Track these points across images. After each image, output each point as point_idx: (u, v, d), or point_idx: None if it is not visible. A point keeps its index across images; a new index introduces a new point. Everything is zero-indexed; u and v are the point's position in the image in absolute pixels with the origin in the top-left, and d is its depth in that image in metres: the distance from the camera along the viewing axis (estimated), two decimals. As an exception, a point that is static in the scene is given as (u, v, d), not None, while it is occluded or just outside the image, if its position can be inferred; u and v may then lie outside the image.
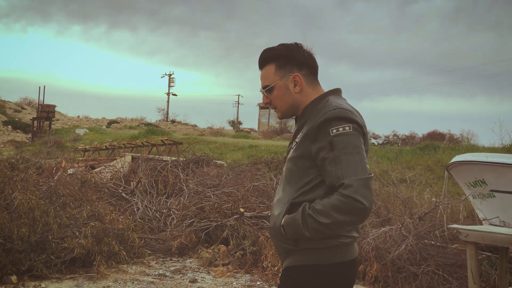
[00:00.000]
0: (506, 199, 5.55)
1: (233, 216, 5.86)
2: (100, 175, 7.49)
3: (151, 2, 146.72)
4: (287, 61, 1.79)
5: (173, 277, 4.86)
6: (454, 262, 4.89)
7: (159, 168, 8.42)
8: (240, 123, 56.94)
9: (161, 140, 15.80)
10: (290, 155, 1.75)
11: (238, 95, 59.15)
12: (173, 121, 48.53)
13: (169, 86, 57.73)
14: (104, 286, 4.46)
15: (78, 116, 44.88)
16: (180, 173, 8.13)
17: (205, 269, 5.16)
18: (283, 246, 1.73)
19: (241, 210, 5.79)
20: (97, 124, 40.28)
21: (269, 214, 4.23)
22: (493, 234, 3.54)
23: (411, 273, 4.82)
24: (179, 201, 6.80)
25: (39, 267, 4.61)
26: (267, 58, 1.83)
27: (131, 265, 5.14)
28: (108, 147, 16.31)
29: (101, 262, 4.76)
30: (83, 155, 16.18)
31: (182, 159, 9.47)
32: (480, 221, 5.64)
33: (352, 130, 1.61)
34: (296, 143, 1.73)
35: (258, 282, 4.78)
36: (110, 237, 5.02)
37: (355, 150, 1.58)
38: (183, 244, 5.72)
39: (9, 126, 35.65)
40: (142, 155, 10.58)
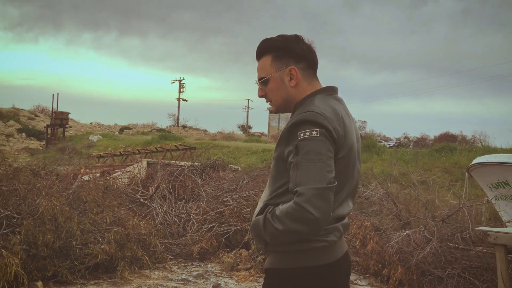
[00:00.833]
0: (531, 201, 5.47)
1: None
2: (118, 181, 7.53)
3: (160, 9, 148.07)
4: (284, 53, 1.72)
5: (196, 282, 4.86)
6: (480, 265, 4.83)
7: (176, 173, 8.46)
8: (250, 127, 57.03)
9: (175, 146, 15.88)
10: (274, 154, 1.71)
11: (248, 100, 59.19)
12: (184, 126, 48.74)
13: (180, 92, 58.08)
14: (129, 292, 4.48)
15: (91, 123, 45.31)
16: (198, 178, 8.15)
17: (227, 274, 5.15)
18: (259, 247, 1.71)
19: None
20: (110, 131, 40.61)
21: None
22: (524, 236, 3.49)
23: (436, 277, 4.77)
24: (198, 206, 6.82)
25: (64, 273, 4.64)
26: (264, 49, 1.76)
27: (153, 270, 5.15)
28: (122, 153, 16.42)
29: (125, 268, 4.78)
30: (98, 161, 16.30)
31: (198, 164, 9.50)
32: (504, 223, 5.56)
33: (319, 135, 1.52)
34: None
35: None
36: (133, 243, 5.04)
37: (317, 157, 1.50)
38: (204, 249, 5.73)
39: (23, 134, 36.07)
40: (159, 161, 10.63)
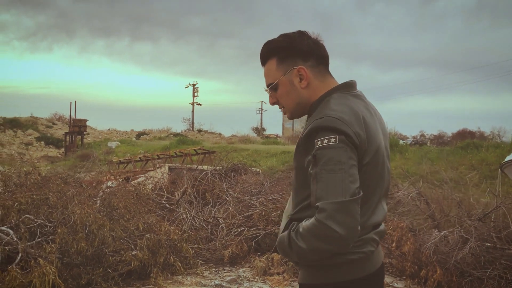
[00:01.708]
0: None
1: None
2: (145, 187, 7.53)
3: (172, 14, 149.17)
4: (289, 53, 1.58)
5: (230, 287, 4.81)
6: (521, 265, 4.68)
7: (199, 178, 8.44)
8: (264, 130, 57.01)
9: (194, 150, 15.90)
10: (293, 164, 1.59)
11: (262, 102, 59.17)
12: (200, 130, 48.93)
13: (193, 96, 58.32)
14: (164, 298, 4.44)
15: (109, 129, 45.78)
16: (223, 182, 8.12)
17: (260, 279, 5.09)
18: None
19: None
20: (127, 137, 40.96)
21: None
22: None
23: (476, 278, 4.64)
24: (225, 210, 6.77)
25: (98, 281, 4.64)
26: (267, 53, 1.62)
27: (186, 276, 5.12)
28: (142, 159, 16.50)
29: (158, 274, 4.75)
30: (118, 167, 16.41)
31: (220, 168, 9.46)
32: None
33: (338, 143, 1.39)
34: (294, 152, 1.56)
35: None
36: (164, 248, 5.01)
37: (337, 167, 1.37)
38: (234, 253, 5.68)
39: (42, 142, 36.63)
40: (181, 165, 10.64)
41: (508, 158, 6.04)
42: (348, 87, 1.60)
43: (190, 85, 59.22)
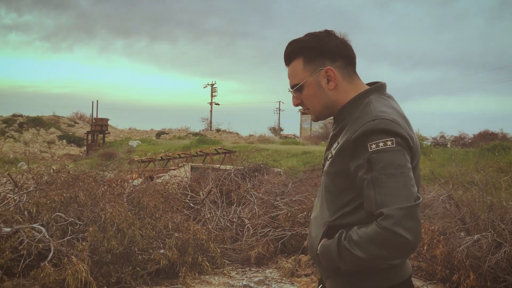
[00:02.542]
0: None
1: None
2: (170, 186, 7.57)
3: (190, 14, 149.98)
4: (317, 53, 1.52)
5: (258, 288, 4.80)
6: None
7: (222, 178, 8.45)
8: (281, 130, 56.88)
9: (215, 149, 15.94)
10: (326, 169, 1.53)
11: (279, 102, 59.05)
12: (218, 130, 49.08)
13: (212, 96, 58.55)
14: (193, 298, 4.45)
15: (129, 128, 46.31)
16: (246, 182, 8.11)
17: (288, 280, 5.06)
18: (323, 271, 1.55)
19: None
20: (147, 136, 41.35)
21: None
22: None
23: (510, 283, 4.53)
24: (251, 210, 6.76)
25: (127, 279, 4.67)
26: (293, 52, 1.55)
27: (213, 276, 5.12)
28: (164, 158, 16.62)
29: (186, 274, 4.76)
30: (140, 166, 16.56)
31: (241, 168, 9.46)
32: None
33: (395, 145, 1.34)
34: (332, 156, 1.50)
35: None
36: (192, 248, 5.02)
37: (398, 171, 1.32)
38: (261, 254, 5.66)
39: (64, 140, 37.27)
40: (203, 165, 10.67)
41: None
42: (382, 88, 1.55)
43: (209, 85, 59.51)
